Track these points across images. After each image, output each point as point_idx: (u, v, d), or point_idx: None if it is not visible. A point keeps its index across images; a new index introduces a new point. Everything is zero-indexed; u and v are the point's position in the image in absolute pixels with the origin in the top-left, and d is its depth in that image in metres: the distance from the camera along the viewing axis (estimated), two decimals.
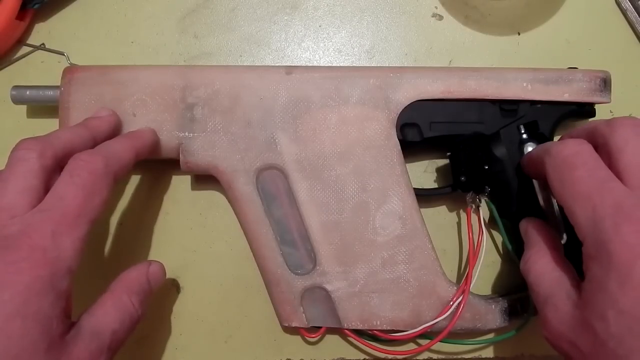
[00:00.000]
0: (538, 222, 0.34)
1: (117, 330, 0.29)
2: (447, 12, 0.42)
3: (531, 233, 0.33)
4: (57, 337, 0.26)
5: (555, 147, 0.30)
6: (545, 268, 0.31)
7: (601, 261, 0.25)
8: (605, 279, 0.25)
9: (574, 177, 0.28)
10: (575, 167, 0.28)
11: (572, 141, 0.30)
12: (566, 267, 0.30)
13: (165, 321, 0.38)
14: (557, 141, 0.32)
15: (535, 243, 0.33)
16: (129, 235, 0.39)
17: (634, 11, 0.42)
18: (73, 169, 0.29)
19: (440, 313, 0.35)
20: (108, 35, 0.42)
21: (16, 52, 0.41)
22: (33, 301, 0.25)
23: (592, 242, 0.26)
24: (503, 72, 0.36)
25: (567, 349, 0.28)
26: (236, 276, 0.39)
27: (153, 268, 0.33)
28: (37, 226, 0.27)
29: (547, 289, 0.30)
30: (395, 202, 0.35)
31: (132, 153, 0.33)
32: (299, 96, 0.36)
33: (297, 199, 0.35)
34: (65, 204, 0.28)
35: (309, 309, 0.35)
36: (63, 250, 0.27)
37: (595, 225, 0.26)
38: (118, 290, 0.31)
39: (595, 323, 0.25)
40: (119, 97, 0.36)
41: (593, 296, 0.26)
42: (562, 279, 0.29)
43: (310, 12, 0.42)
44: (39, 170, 0.28)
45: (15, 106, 0.38)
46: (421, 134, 0.36)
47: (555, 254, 0.31)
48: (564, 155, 0.29)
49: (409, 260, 0.35)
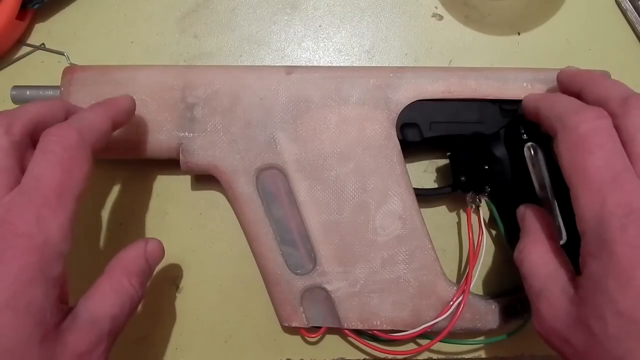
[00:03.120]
0: (536, 209, 0.33)
1: (117, 315, 0.28)
2: (447, 12, 0.42)
3: (529, 220, 0.32)
4: (51, 327, 0.25)
5: (572, 119, 0.27)
6: (541, 259, 0.30)
7: (602, 260, 0.25)
8: (605, 279, 0.24)
9: (587, 162, 0.26)
10: (591, 151, 0.26)
11: (590, 113, 0.27)
12: (562, 259, 0.29)
13: (165, 321, 0.38)
14: (573, 106, 0.29)
15: (531, 231, 0.31)
16: (129, 235, 0.39)
17: (634, 11, 0.42)
18: (45, 145, 0.27)
19: (440, 313, 0.35)
20: (108, 35, 0.42)
21: (16, 52, 0.41)
22: (23, 292, 0.24)
23: (594, 238, 0.25)
24: (503, 72, 0.36)
25: (559, 344, 0.27)
26: (236, 276, 0.39)
27: (151, 246, 0.31)
28: (18, 211, 0.25)
29: (542, 281, 0.29)
30: (395, 202, 0.35)
31: (108, 121, 0.30)
32: (299, 96, 0.36)
33: (297, 199, 0.35)
34: (43, 184, 0.25)
35: (309, 309, 0.35)
36: (50, 235, 0.25)
37: (601, 221, 0.25)
38: (116, 272, 0.29)
39: (592, 322, 0.25)
40: None
41: (591, 295, 0.25)
42: (558, 272, 0.29)
43: (310, 12, 0.42)
44: (9, 149, 0.26)
45: (15, 106, 0.38)
46: (421, 134, 0.36)
47: (552, 245, 0.30)
48: (580, 132, 0.27)
49: (409, 260, 0.35)
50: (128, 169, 0.39)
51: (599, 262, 0.25)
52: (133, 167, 0.39)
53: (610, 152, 0.26)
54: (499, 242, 0.39)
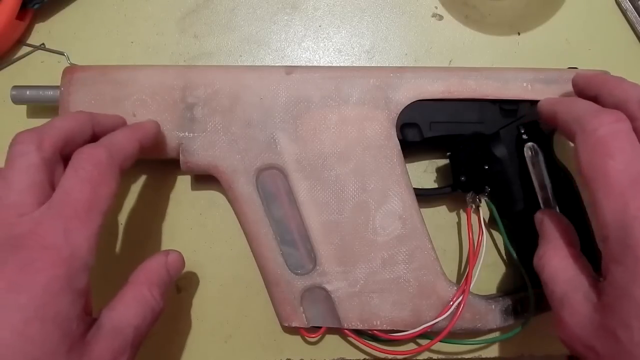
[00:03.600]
0: (555, 215, 0.32)
1: (139, 325, 0.28)
2: (447, 12, 0.42)
3: (547, 226, 0.32)
4: (77, 338, 0.25)
5: (590, 123, 0.27)
6: (561, 265, 0.29)
7: (627, 266, 0.24)
8: (632, 286, 0.24)
9: (607, 166, 0.26)
10: (611, 155, 0.26)
11: (609, 116, 0.27)
12: (583, 265, 0.29)
13: (165, 321, 0.38)
14: (591, 109, 0.28)
15: (551, 238, 0.31)
16: (129, 235, 0.39)
17: (634, 11, 0.42)
18: (77, 163, 0.28)
19: (440, 313, 0.35)
20: (108, 35, 0.42)
21: (16, 52, 0.41)
22: (51, 302, 0.24)
23: (618, 243, 0.25)
24: (503, 72, 0.36)
25: (583, 351, 0.27)
26: (236, 276, 0.39)
27: (172, 258, 0.32)
28: (48, 224, 0.26)
29: (563, 288, 0.28)
30: (395, 202, 0.35)
31: (136, 144, 0.32)
32: (299, 96, 0.36)
33: (297, 199, 0.35)
34: (73, 198, 0.27)
35: (309, 309, 0.35)
36: (77, 247, 0.26)
37: (624, 226, 0.24)
38: (138, 283, 0.30)
39: (618, 330, 0.24)
40: (119, 97, 0.36)
41: (616, 302, 0.25)
42: (579, 278, 0.28)
43: (310, 12, 0.42)
44: (40, 164, 0.27)
45: (15, 106, 0.38)
46: (421, 134, 0.36)
47: (572, 251, 0.30)
48: (599, 135, 0.26)
49: (409, 260, 0.35)
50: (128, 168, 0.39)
51: (624, 268, 0.24)
52: (133, 167, 0.39)
53: (631, 155, 0.26)
54: (499, 242, 0.39)
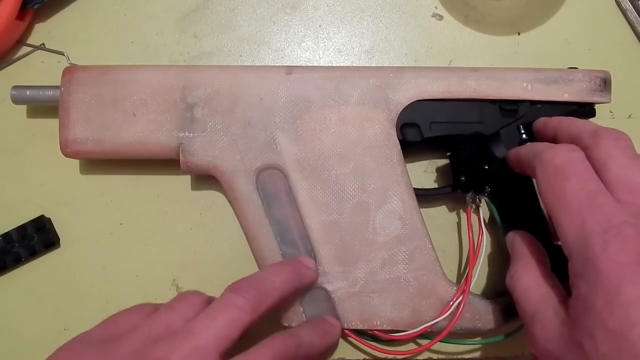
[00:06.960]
0: (525, 235, 0.34)
1: None
2: (447, 12, 0.42)
3: (518, 245, 0.33)
4: None
5: (546, 153, 0.29)
6: (532, 283, 0.30)
7: (588, 279, 0.25)
8: (593, 298, 0.25)
9: (564, 188, 0.28)
10: (567, 178, 0.28)
11: (564, 147, 0.29)
12: (553, 282, 0.30)
13: None
14: (548, 145, 0.31)
15: (521, 257, 0.32)
16: (129, 235, 0.39)
17: (634, 11, 0.42)
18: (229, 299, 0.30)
19: (440, 313, 0.35)
20: (108, 35, 0.42)
21: (16, 52, 0.41)
22: None
23: (579, 258, 0.26)
24: (503, 72, 0.36)
25: None
26: (236, 276, 0.38)
27: None
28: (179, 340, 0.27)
29: (534, 305, 0.29)
30: (395, 202, 0.35)
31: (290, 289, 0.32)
32: (299, 96, 0.36)
33: (297, 199, 0.35)
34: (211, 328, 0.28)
35: (309, 309, 0.35)
36: None
37: (584, 241, 0.26)
38: None
39: (584, 342, 0.25)
40: (119, 97, 0.36)
41: (581, 314, 0.26)
42: (549, 295, 0.29)
43: (310, 12, 0.42)
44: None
45: (15, 106, 0.38)
46: (421, 134, 0.36)
47: (542, 269, 0.31)
48: (556, 163, 0.29)
49: (409, 260, 0.35)
50: (128, 169, 0.39)
51: (585, 282, 0.25)
52: (133, 167, 0.39)
53: (585, 177, 0.28)
54: (499, 242, 0.39)
